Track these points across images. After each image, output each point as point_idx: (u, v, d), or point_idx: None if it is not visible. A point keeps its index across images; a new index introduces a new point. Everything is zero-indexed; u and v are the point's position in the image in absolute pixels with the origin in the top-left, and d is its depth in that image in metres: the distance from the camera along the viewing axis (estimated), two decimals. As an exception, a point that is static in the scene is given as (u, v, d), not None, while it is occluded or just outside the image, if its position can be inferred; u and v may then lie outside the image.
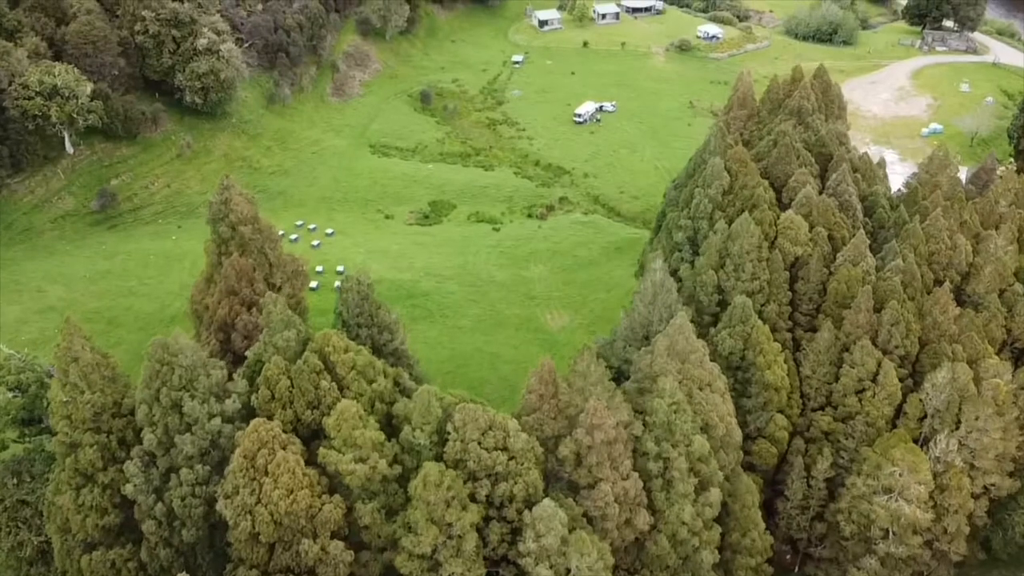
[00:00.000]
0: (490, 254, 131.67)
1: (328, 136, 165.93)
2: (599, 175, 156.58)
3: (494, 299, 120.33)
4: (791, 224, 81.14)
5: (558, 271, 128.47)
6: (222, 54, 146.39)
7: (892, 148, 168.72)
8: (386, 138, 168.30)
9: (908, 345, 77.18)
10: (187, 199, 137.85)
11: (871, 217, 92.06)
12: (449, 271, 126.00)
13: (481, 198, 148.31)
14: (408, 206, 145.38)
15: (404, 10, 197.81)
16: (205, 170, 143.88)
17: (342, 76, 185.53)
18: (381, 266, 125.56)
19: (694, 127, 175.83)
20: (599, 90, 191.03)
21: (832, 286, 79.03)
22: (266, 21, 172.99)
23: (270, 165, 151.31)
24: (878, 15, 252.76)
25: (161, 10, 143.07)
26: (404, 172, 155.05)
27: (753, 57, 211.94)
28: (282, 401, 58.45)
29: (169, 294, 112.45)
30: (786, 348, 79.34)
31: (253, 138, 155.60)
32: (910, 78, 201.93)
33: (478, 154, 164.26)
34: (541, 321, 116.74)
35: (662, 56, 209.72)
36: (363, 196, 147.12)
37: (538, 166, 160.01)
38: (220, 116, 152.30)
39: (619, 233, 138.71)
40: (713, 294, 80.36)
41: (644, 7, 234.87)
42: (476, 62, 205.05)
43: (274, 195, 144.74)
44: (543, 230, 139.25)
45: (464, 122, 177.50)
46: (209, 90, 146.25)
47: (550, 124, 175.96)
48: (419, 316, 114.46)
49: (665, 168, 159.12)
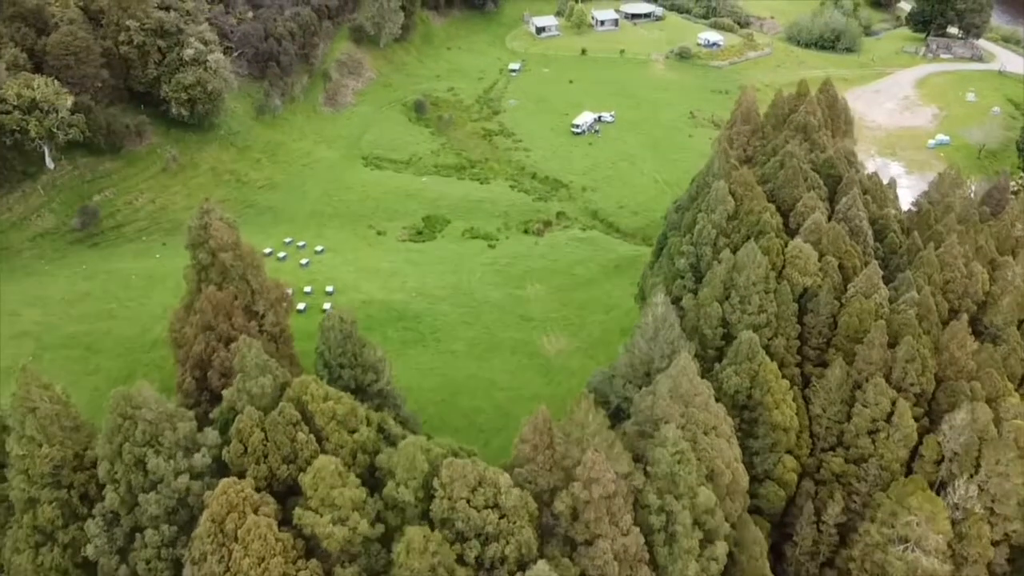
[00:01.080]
0: (485, 273, 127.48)
1: (319, 148, 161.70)
2: (597, 189, 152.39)
3: (489, 321, 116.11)
4: (800, 253, 76.98)
5: (555, 291, 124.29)
6: (209, 65, 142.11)
7: (898, 160, 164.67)
8: (379, 150, 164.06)
9: (924, 383, 73.01)
10: (172, 215, 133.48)
11: (882, 242, 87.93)
12: (442, 291, 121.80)
13: (476, 213, 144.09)
14: (401, 221, 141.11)
15: (399, 17, 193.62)
16: (192, 184, 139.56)
17: (334, 85, 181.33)
18: (372, 286, 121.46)
19: (695, 139, 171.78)
20: (597, 99, 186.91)
21: (843, 319, 74.87)
22: (256, 29, 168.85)
23: (259, 179, 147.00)
24: (881, 21, 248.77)
25: (146, 20, 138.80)
26: (397, 185, 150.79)
27: (754, 65, 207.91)
28: (255, 455, 54.20)
29: (151, 317, 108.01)
30: (794, 384, 75.21)
31: (242, 151, 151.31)
32: (915, 87, 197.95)
33: (473, 166, 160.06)
34: (537, 345, 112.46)
35: (662, 64, 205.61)
36: (355, 211, 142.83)
37: (535, 179, 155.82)
38: (207, 128, 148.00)
39: (618, 250, 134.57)
40: (718, 327, 76.18)
41: (643, 13, 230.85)
42: (472, 70, 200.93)
43: (263, 210, 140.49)
44: (540, 247, 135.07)
45: (459, 132, 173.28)
46: (196, 102, 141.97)
47: (547, 135, 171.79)
48: (411, 340, 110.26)
49: (665, 182, 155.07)
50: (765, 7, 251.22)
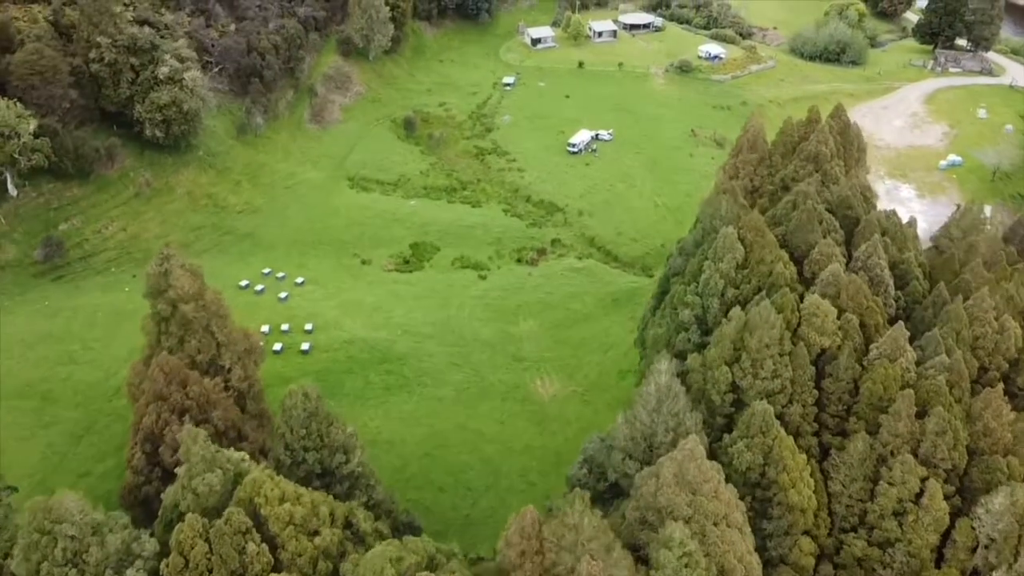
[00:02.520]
0: (475, 307, 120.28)
1: (304, 168, 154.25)
2: (595, 213, 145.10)
3: (478, 362, 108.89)
4: (817, 311, 69.78)
5: (549, 327, 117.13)
6: (185, 83, 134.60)
7: (908, 182, 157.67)
8: (366, 170, 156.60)
9: (956, 457, 65.92)
10: (144, 244, 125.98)
11: (903, 289, 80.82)
12: (429, 328, 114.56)
13: (467, 240, 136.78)
14: (387, 249, 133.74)
15: (388, 29, 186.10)
16: (166, 211, 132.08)
17: (321, 101, 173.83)
18: (355, 322, 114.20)
19: (696, 158, 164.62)
20: (595, 115, 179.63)
21: (866, 386, 67.68)
22: (238, 43, 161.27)
23: (238, 203, 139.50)
24: (886, 32, 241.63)
25: (119, 36, 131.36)
26: (384, 209, 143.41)
27: (757, 79, 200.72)
28: (199, 571, 46.88)
29: (115, 360, 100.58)
30: (811, 456, 68.08)
31: (221, 172, 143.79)
32: (924, 103, 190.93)
33: (465, 188, 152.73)
34: (530, 389, 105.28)
35: (661, 77, 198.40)
36: (339, 237, 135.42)
37: (529, 202, 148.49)
38: (184, 150, 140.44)
39: (616, 282, 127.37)
40: (727, 393, 68.97)
41: (642, 24, 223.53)
42: (465, 84, 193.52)
43: (241, 237, 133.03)
44: (533, 278, 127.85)
45: (450, 151, 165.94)
46: (171, 123, 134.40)
47: (542, 154, 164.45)
48: (394, 385, 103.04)
49: (665, 206, 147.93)
50: (767, 17, 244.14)
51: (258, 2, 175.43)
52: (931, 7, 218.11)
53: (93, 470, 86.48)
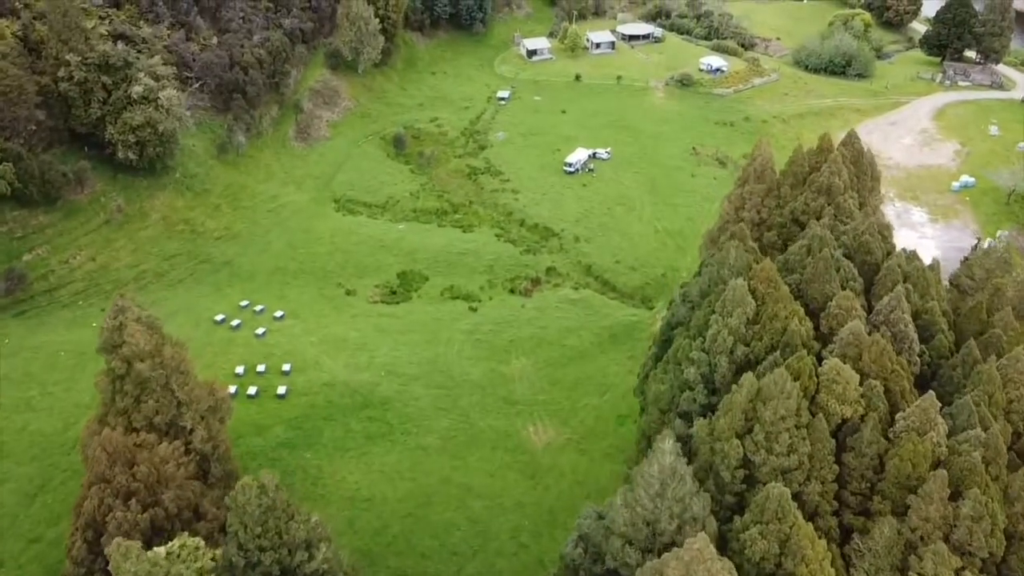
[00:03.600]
0: (464, 343, 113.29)
1: (287, 190, 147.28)
2: (592, 239, 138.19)
3: (467, 406, 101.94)
4: (838, 377, 62.91)
5: (543, 366, 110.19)
6: (161, 103, 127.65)
7: (920, 205, 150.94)
8: (353, 191, 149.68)
9: (993, 544, 59.09)
10: (115, 275, 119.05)
11: (928, 343, 74.00)
12: (415, 368, 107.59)
13: (458, 268, 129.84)
14: (373, 278, 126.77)
15: (378, 41, 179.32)
16: (139, 238, 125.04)
17: (307, 117, 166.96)
18: (336, 362, 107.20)
19: (698, 179, 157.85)
20: (592, 132, 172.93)
21: (893, 463, 60.79)
22: (220, 58, 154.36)
23: (216, 228, 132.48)
24: (892, 43, 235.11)
25: (89, 53, 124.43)
26: (371, 234, 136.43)
27: (760, 93, 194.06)
28: None
29: (76, 407, 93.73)
30: (832, 540, 61.22)
31: (199, 195, 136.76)
32: (933, 119, 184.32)
33: (456, 211, 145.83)
34: (522, 436, 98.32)
35: (661, 91, 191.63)
36: (322, 266, 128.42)
37: (523, 227, 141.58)
38: (160, 172, 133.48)
39: (614, 315, 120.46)
40: (738, 468, 62.10)
41: (642, 35, 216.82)
42: (458, 98, 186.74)
43: (219, 266, 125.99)
44: (527, 310, 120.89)
45: (442, 171, 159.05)
46: (145, 145, 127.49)
47: (537, 174, 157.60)
48: (376, 434, 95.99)
49: (666, 231, 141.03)
50: (770, 27, 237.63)
51: (242, 14, 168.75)
52: (939, 18, 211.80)
53: (45, 535, 79.51)
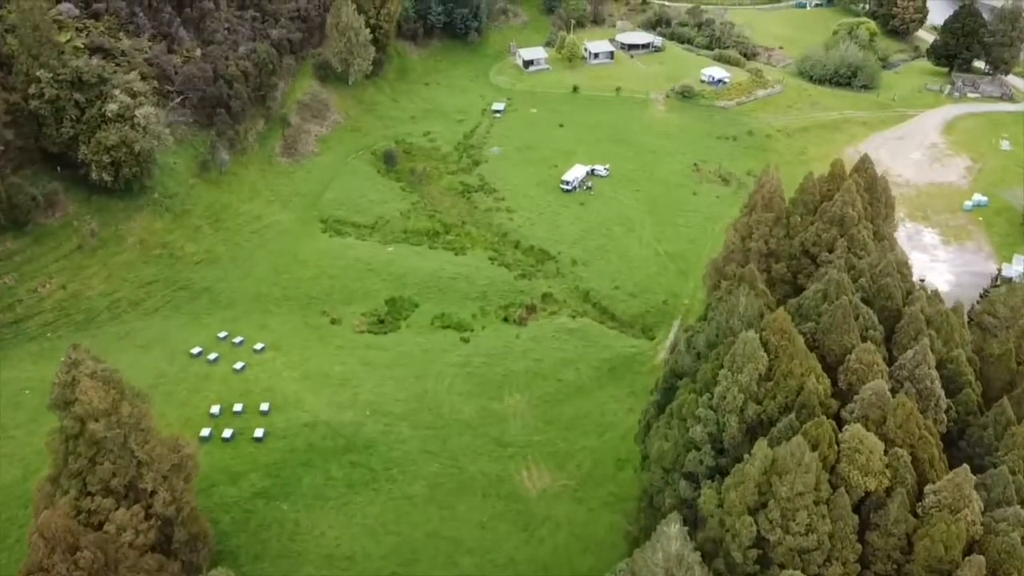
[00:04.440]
0: (455, 378, 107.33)
1: (272, 209, 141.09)
2: (590, 262, 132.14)
3: (457, 448, 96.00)
4: (860, 446, 56.93)
5: (538, 403, 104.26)
6: (137, 121, 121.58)
7: (931, 226, 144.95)
8: (341, 210, 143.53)
9: (1035, 636, 53.24)
10: (87, 304, 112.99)
11: (954, 397, 68.12)
12: (402, 405, 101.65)
13: (449, 294, 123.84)
14: (360, 305, 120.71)
15: (369, 52, 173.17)
16: (113, 263, 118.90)
17: (294, 131, 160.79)
18: (318, 400, 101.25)
19: (700, 197, 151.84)
20: (590, 147, 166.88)
21: (923, 544, 54.83)
22: (203, 71, 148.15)
23: (196, 252, 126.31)
24: (898, 52, 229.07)
25: (61, 69, 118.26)
26: (359, 257, 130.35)
27: (764, 105, 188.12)
28: None
29: (38, 455, 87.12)
30: (854, 628, 55.36)
31: (179, 217, 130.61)
32: (942, 132, 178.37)
33: (448, 232, 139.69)
34: (516, 482, 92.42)
35: (662, 104, 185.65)
36: (306, 292, 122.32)
37: (518, 249, 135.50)
38: (137, 192, 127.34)
39: (613, 346, 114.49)
40: (750, 548, 56.12)
41: (642, 44, 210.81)
42: (452, 110, 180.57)
43: (198, 292, 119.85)
44: (522, 341, 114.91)
45: (434, 188, 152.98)
46: (121, 165, 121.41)
47: (533, 192, 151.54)
48: (359, 481, 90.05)
49: (667, 254, 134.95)
50: (773, 36, 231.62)
51: (227, 24, 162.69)
52: (947, 27, 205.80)
53: (-4, 602, 73.66)
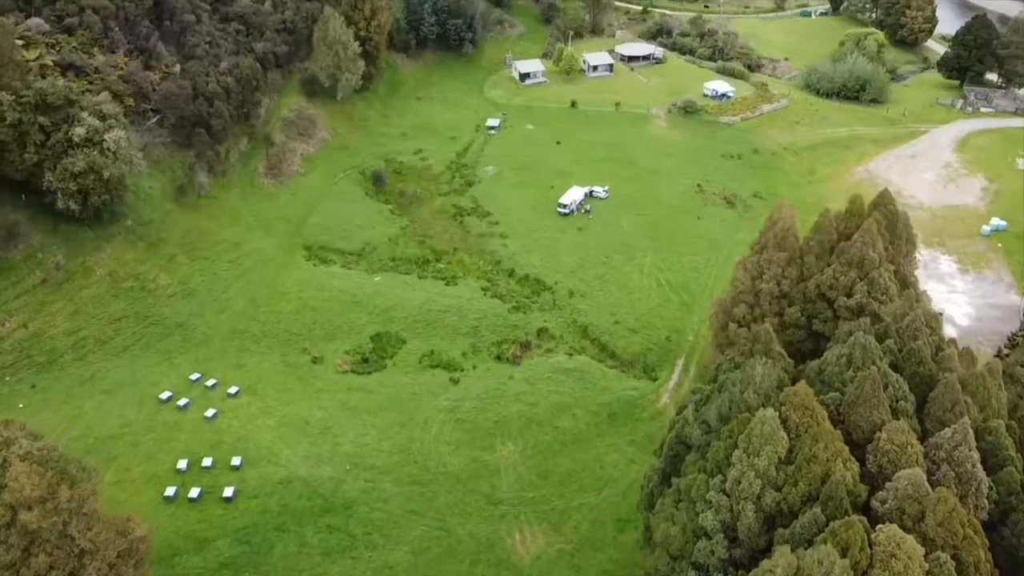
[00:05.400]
0: (444, 424, 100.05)
1: (254, 235, 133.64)
2: (588, 294, 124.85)
3: (444, 507, 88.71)
4: (897, 550, 49.59)
5: (532, 453, 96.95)
6: (106, 145, 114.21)
7: (948, 252, 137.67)
8: (326, 236, 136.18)
9: None
10: (49, 344, 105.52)
11: (993, 475, 60.86)
12: (386, 457, 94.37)
13: (438, 329, 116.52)
14: (344, 342, 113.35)
15: (358, 66, 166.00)
16: (80, 298, 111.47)
17: (279, 151, 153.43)
18: (295, 452, 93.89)
19: (704, 222, 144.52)
20: (588, 166, 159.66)
21: (971, 670, 47.71)
22: (183, 88, 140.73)
23: (170, 284, 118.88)
24: (906, 63, 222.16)
25: (24, 92, 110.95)
26: (344, 289, 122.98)
27: (770, 121, 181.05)
28: None
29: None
30: None
31: (152, 246, 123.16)
32: (956, 150, 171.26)
33: (439, 259, 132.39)
34: (507, 546, 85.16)
35: (663, 120, 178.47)
36: (287, 328, 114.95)
37: (512, 278, 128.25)
38: (108, 221, 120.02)
39: (613, 388, 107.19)
40: (771, 670, 48.89)
41: (642, 56, 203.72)
42: (445, 126, 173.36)
43: (170, 329, 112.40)
44: (515, 382, 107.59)
45: (425, 211, 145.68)
46: (89, 193, 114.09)
47: (529, 215, 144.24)
48: (336, 548, 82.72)
49: (669, 284, 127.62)
50: (777, 46, 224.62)
51: (208, 38, 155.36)
52: (959, 39, 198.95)
53: None
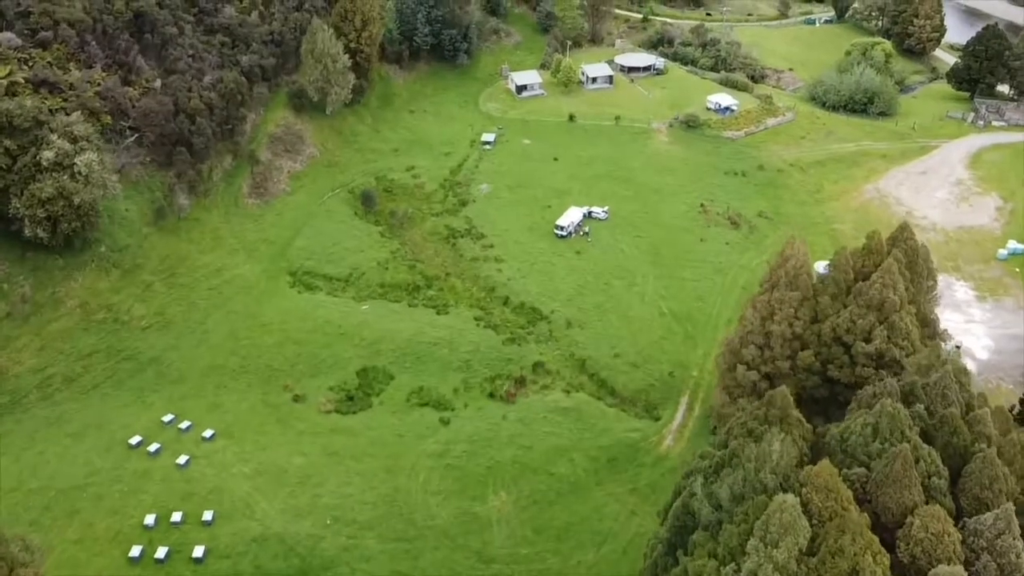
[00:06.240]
0: (432, 471, 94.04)
1: (236, 260, 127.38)
2: (586, 323, 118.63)
3: (431, 566, 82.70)
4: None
5: (527, 504, 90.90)
6: (78, 169, 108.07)
7: (963, 278, 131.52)
8: (312, 260, 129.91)
9: None
10: (12, 383, 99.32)
11: (1037, 559, 54.56)
12: (369, 510, 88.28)
13: (428, 363, 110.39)
14: (328, 378, 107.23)
15: (347, 80, 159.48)
16: (47, 332, 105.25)
17: (265, 168, 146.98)
18: (271, 505, 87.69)
19: (707, 244, 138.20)
20: (587, 184, 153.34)
21: None
22: (163, 104, 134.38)
23: (145, 315, 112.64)
24: (914, 73, 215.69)
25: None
26: (329, 319, 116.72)
27: (775, 136, 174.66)
28: None
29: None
30: None
31: (128, 273, 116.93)
32: (968, 166, 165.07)
33: (430, 286, 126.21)
34: (499, 611, 79.09)
35: (664, 134, 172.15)
36: (268, 362, 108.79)
37: (507, 307, 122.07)
38: (80, 248, 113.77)
39: (613, 430, 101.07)
40: None
41: (642, 66, 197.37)
42: (438, 141, 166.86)
43: (144, 364, 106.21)
44: (509, 423, 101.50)
45: (416, 233, 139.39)
46: (58, 220, 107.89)
47: (524, 237, 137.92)
48: (313, 617, 76.61)
49: (672, 313, 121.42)
50: (781, 56, 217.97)
51: (191, 51, 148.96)
52: (970, 50, 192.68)
53: None
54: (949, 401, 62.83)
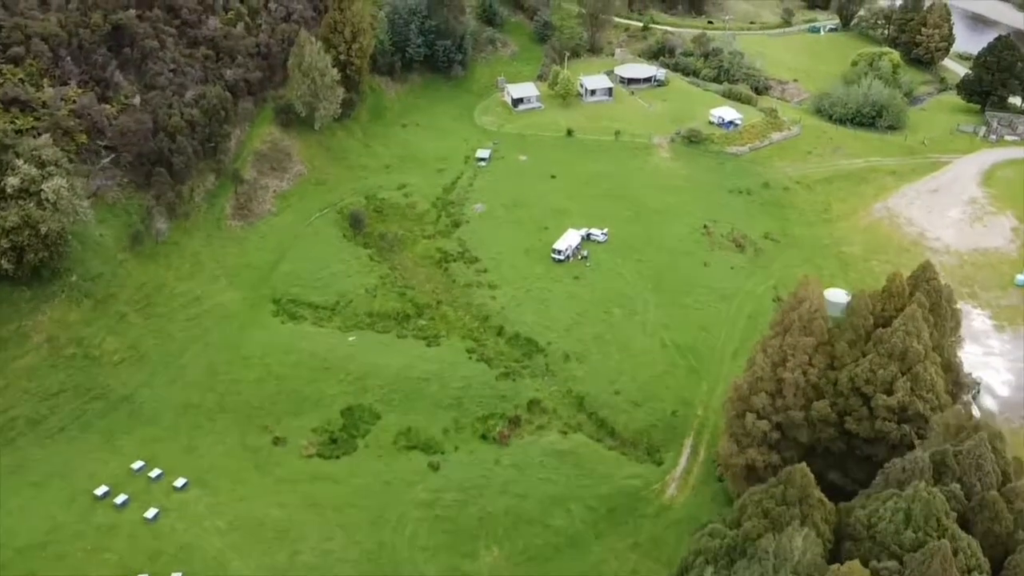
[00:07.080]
0: (420, 523, 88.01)
1: (216, 287, 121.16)
2: (585, 356, 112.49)
3: (417, 635, 76.56)
4: None
5: (521, 560, 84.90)
6: (45, 196, 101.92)
7: (979, 305, 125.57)
8: (297, 286, 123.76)
9: None
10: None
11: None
12: (352, 569, 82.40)
13: (417, 401, 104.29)
14: (311, 417, 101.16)
15: (336, 95, 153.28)
16: (11, 371, 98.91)
17: (249, 188, 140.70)
18: (246, 564, 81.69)
19: (711, 269, 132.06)
20: (585, 204, 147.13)
21: None
22: (141, 122, 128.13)
23: (118, 349, 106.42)
24: (923, 83, 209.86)
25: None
26: (314, 351, 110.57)
27: (780, 151, 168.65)
28: None
29: None
30: None
31: (100, 304, 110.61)
32: (981, 184, 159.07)
33: (421, 315, 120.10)
34: None
35: (666, 150, 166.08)
36: (247, 400, 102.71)
37: (501, 337, 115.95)
38: (49, 278, 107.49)
39: (613, 476, 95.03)
40: None
41: (643, 78, 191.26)
42: (431, 157, 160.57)
43: (115, 404, 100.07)
44: (502, 468, 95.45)
45: (407, 256, 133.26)
46: (24, 250, 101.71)
47: (520, 261, 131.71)
48: None
49: (675, 345, 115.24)
50: (785, 66, 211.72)
51: (173, 66, 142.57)
52: (981, 61, 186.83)
53: None
54: (984, 472, 56.87)
